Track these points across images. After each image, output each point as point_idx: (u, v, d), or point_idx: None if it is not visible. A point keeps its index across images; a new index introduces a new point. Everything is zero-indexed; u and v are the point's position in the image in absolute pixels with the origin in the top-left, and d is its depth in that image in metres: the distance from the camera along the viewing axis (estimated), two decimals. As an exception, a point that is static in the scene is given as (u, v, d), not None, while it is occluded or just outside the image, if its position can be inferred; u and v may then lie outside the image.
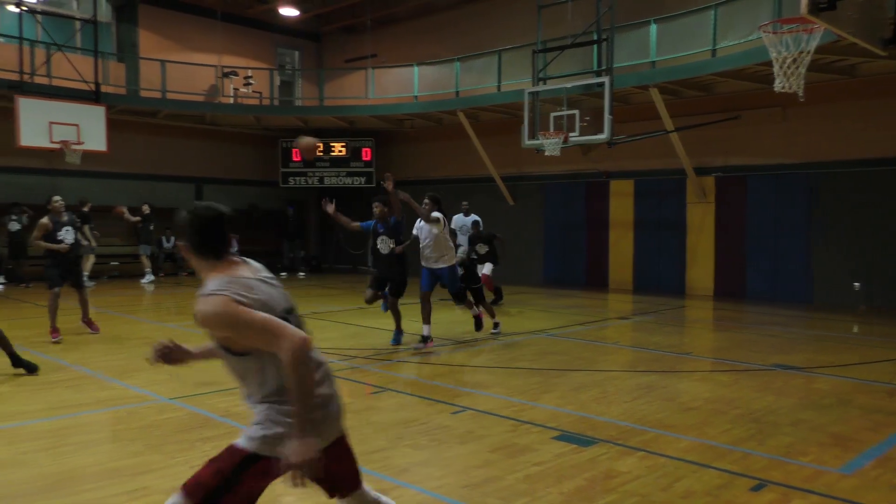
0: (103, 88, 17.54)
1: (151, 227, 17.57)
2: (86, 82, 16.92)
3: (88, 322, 9.71)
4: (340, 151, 20.77)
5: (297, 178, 20.84)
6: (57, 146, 16.03)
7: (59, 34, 18.26)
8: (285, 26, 21.82)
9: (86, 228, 15.44)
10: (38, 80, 16.64)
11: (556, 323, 11.26)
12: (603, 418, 5.71)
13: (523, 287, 16.91)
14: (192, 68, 19.20)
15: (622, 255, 16.72)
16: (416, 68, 18.60)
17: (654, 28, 14.07)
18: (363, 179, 20.61)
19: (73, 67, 16.74)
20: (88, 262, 16.45)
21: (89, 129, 16.45)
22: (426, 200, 8.78)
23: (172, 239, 19.56)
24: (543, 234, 18.11)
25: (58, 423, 5.55)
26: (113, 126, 17.05)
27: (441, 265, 8.82)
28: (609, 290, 16.57)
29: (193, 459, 4.69)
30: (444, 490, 4.21)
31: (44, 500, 4.00)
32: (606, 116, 13.57)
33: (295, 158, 20.53)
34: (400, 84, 18.84)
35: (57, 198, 9.41)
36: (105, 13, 19.19)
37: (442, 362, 8.12)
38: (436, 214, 8.66)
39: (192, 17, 20.34)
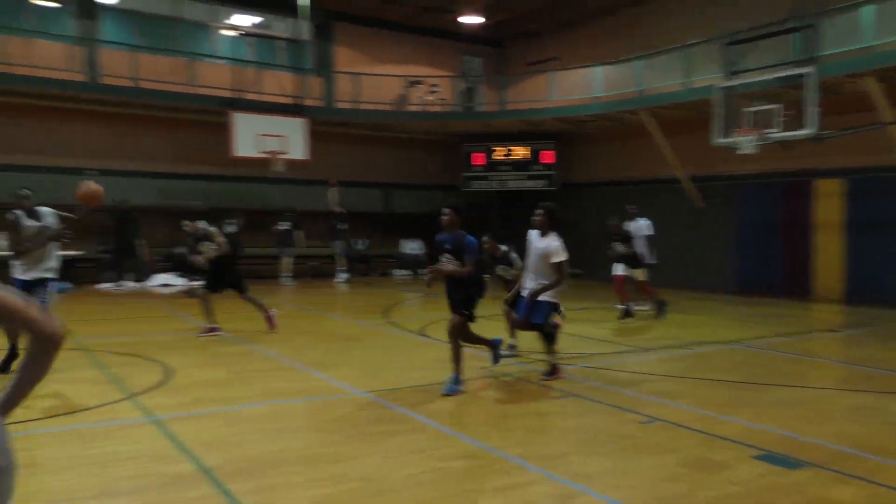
0: (304, 102, 19.11)
1: (346, 228, 18.79)
2: (287, 97, 18.52)
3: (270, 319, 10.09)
4: (524, 155, 20.86)
5: (480, 182, 21.21)
6: (266, 156, 17.73)
7: (265, 54, 20.13)
8: (469, 34, 22.34)
9: (300, 234, 17.80)
10: (249, 96, 18.44)
11: (752, 333, 10.47)
12: (812, 439, 5.20)
13: (712, 294, 15.95)
14: (381, 79, 20.26)
15: (829, 261, 15.19)
16: (597, 68, 18.25)
17: (869, 9, 12.66)
18: (544, 182, 20.55)
19: (279, 84, 18.37)
20: (287, 262, 17.97)
21: (293, 140, 18.10)
22: (539, 211, 7.11)
23: (367, 242, 20.83)
24: (735, 237, 16.93)
25: (268, 408, 6.07)
26: (312, 136, 18.52)
27: (541, 297, 7.11)
28: (812, 298, 15.12)
29: (386, 451, 4.91)
30: (630, 501, 4.06)
31: (255, 478, 4.38)
32: (812, 110, 12.41)
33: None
34: (582, 85, 18.58)
35: (186, 222, 10.43)
36: (306, 32, 20.82)
37: (629, 370, 7.86)
38: (555, 244, 6.98)
39: (382, 30, 21.47)
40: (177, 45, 19.37)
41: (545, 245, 7.00)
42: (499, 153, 21.04)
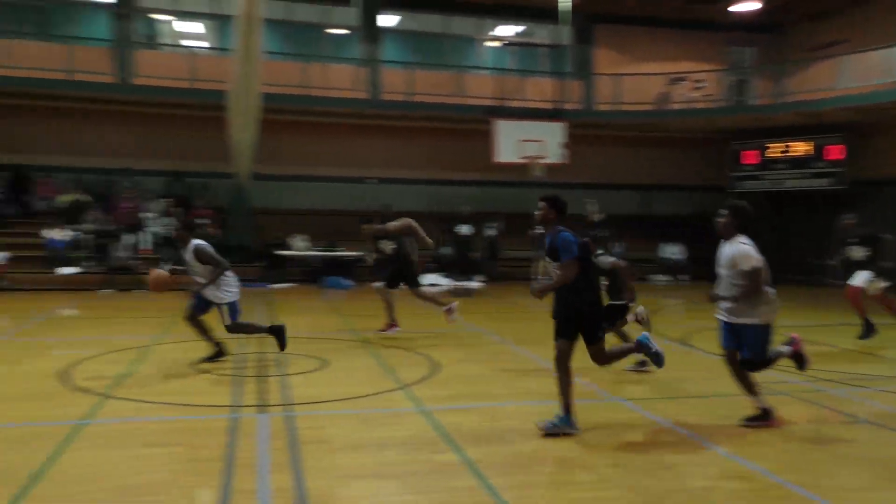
0: (564, 106, 19.31)
1: (606, 234, 18.57)
2: (547, 102, 18.86)
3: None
4: (805, 151, 18.83)
5: (751, 182, 19.59)
6: (525, 161, 18.27)
7: (526, 61, 20.67)
8: (738, 23, 20.77)
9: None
10: (511, 103, 19.07)
11: None
12: None
13: None
14: (642, 78, 19.67)
15: None
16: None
17: None
18: (830, 180, 18.35)
19: (540, 89, 18.80)
20: (543, 265, 18.20)
21: (552, 144, 18.41)
22: (723, 212, 5.59)
23: (624, 245, 20.38)
24: None
25: (527, 407, 6.18)
26: (570, 139, 18.63)
27: (743, 319, 5.48)
28: None
29: (647, 462, 4.72)
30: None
31: (516, 475, 4.48)
32: None
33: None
34: (881, 68, 16.25)
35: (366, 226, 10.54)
36: (566, 37, 20.96)
37: (938, 398, 6.69)
38: (742, 247, 5.43)
39: (643, 28, 20.83)
40: (446, 60, 20.71)
41: (730, 252, 5.49)
42: (774, 150, 19.23)
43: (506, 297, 15.54)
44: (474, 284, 16.33)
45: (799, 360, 5.80)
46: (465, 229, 17.04)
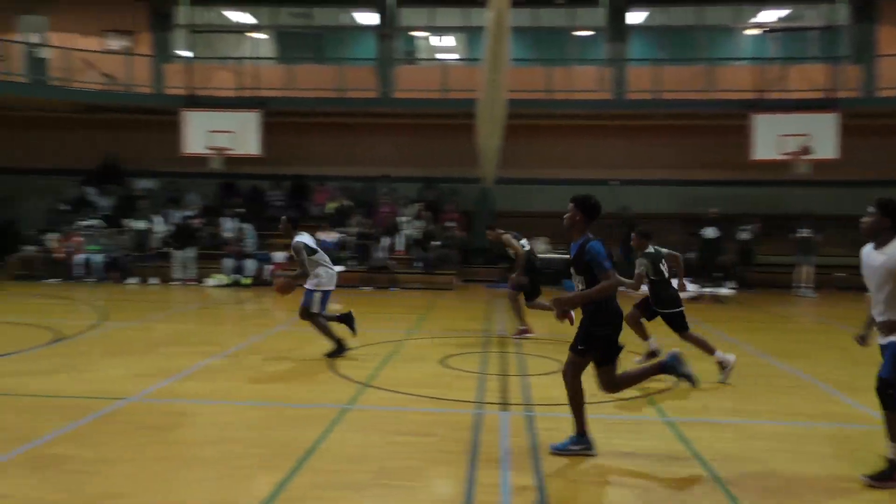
0: (836, 94, 17.27)
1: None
2: (816, 90, 17.00)
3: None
4: None
5: None
6: (788, 158, 16.66)
7: (791, 48, 18.80)
8: None
9: (814, 238, 16.04)
10: (772, 95, 17.49)
11: None
12: None
13: None
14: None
15: None
16: None
17: None
18: None
19: (807, 78, 17.04)
20: (807, 272, 16.35)
21: (821, 138, 16.65)
22: (870, 210, 4.45)
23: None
24: None
25: (788, 428, 5.64)
26: (844, 131, 16.62)
27: (893, 338, 4.31)
28: None
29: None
30: None
31: (775, 499, 4.11)
32: None
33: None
34: None
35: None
36: (842, 17, 18.74)
37: None
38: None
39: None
40: (697, 53, 19.65)
41: (888, 258, 4.31)
42: None
43: (761, 305, 14.32)
44: (724, 291, 15.23)
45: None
46: (710, 232, 15.97)
